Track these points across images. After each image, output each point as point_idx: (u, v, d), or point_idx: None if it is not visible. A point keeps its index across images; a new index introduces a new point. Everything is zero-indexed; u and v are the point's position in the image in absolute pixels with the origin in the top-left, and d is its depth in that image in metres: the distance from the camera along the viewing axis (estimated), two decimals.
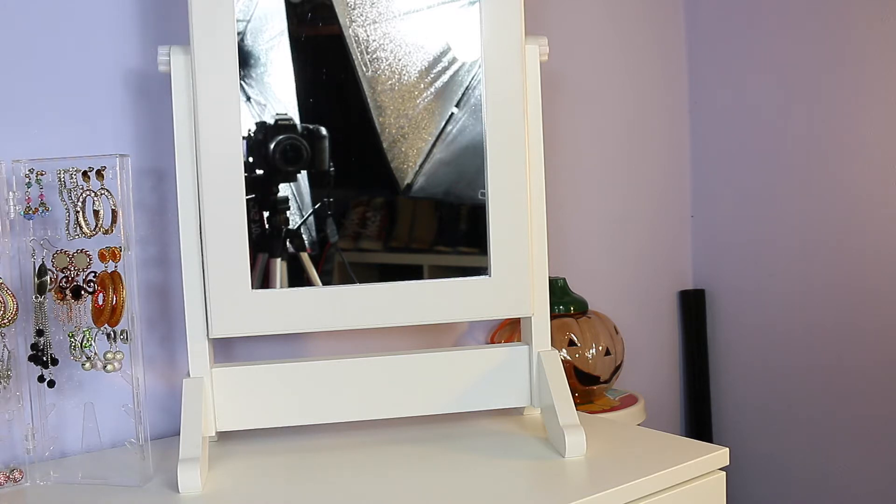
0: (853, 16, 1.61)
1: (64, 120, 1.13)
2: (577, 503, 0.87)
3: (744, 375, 1.85)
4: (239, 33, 1.02)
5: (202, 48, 1.00)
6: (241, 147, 1.02)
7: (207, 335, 1.04)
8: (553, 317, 1.17)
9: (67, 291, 1.00)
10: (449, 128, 1.10)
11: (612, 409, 1.47)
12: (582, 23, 1.70)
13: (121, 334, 1.00)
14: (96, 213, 0.99)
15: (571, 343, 1.44)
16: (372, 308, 1.06)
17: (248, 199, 1.03)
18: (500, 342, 1.44)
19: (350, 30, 1.07)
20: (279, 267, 1.09)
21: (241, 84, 1.02)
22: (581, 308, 1.49)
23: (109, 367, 0.99)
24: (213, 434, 1.06)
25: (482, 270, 1.09)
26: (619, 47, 1.76)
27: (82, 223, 0.99)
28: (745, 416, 1.85)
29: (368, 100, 1.09)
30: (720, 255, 1.87)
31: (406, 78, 1.09)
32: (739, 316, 1.84)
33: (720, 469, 1.01)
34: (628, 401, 1.51)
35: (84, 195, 0.99)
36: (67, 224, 0.99)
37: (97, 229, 0.99)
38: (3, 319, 0.96)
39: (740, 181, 1.81)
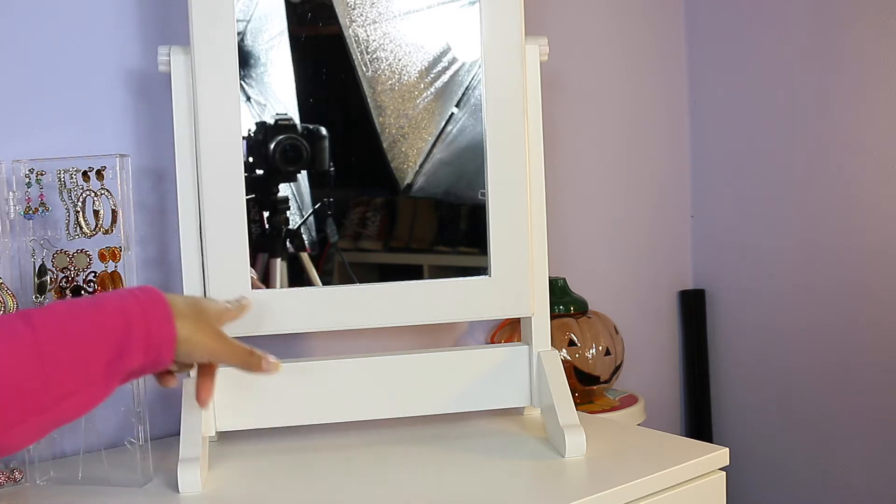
0: (853, 16, 1.61)
1: (64, 120, 1.13)
2: (577, 503, 0.87)
3: (744, 375, 1.85)
4: (239, 33, 1.02)
5: (202, 48, 1.00)
6: (241, 147, 1.02)
7: None
8: (553, 317, 1.17)
9: (67, 291, 1.00)
10: (449, 128, 1.10)
11: (612, 409, 1.46)
12: (582, 23, 1.69)
13: None
14: (96, 213, 0.99)
15: (571, 343, 1.44)
16: (372, 308, 1.06)
17: (248, 199, 1.03)
18: (500, 342, 1.44)
19: (350, 30, 1.07)
20: (279, 267, 1.09)
21: (241, 84, 1.02)
22: (581, 308, 1.49)
23: None
24: (213, 434, 1.06)
25: (482, 270, 1.09)
26: (619, 47, 1.76)
27: (82, 223, 0.99)
28: (745, 416, 1.85)
29: (368, 100, 1.09)
30: (720, 255, 1.87)
31: (406, 78, 1.09)
32: (739, 316, 1.84)
33: (720, 469, 1.01)
34: (628, 401, 1.51)
35: (84, 195, 0.99)
36: (67, 224, 0.99)
37: (97, 229, 0.99)
38: None
39: (740, 181, 1.81)
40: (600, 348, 1.46)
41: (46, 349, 0.71)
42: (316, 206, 1.09)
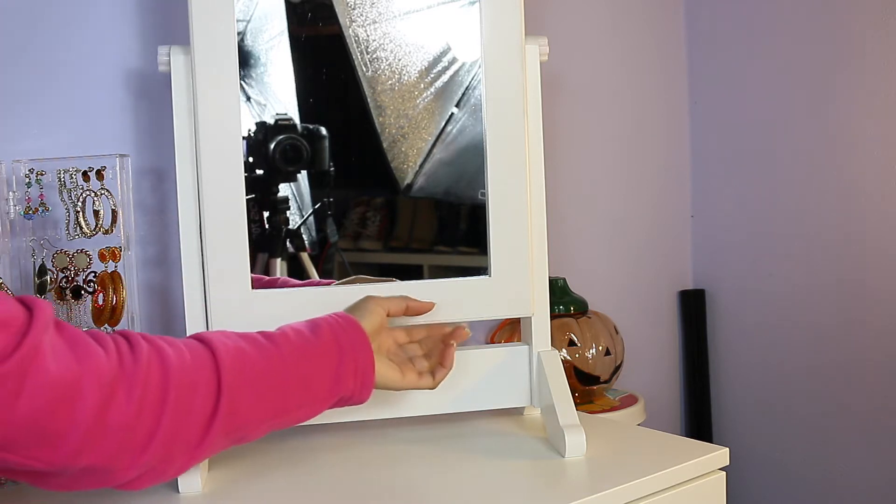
0: (854, 16, 1.61)
1: (64, 120, 1.13)
2: (577, 503, 0.87)
3: (744, 375, 1.85)
4: (239, 33, 1.02)
5: (202, 48, 1.00)
6: (241, 147, 1.01)
7: None
8: (553, 317, 1.17)
9: (67, 291, 1.00)
10: (449, 128, 1.10)
11: (612, 409, 1.47)
12: (582, 23, 1.70)
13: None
14: (96, 213, 0.99)
15: (571, 343, 1.44)
16: None
17: (248, 199, 1.03)
18: (500, 342, 1.44)
19: (350, 30, 1.07)
20: (279, 267, 1.09)
21: (241, 84, 1.02)
22: (581, 308, 1.49)
23: None
24: None
25: (482, 270, 1.09)
26: (619, 47, 1.76)
27: (82, 223, 0.99)
28: (745, 416, 1.85)
29: (368, 100, 1.09)
30: (720, 255, 1.87)
31: (406, 78, 1.09)
32: (739, 316, 1.84)
33: (720, 469, 1.01)
34: (628, 401, 1.51)
35: (84, 195, 0.99)
36: (67, 224, 0.99)
37: (97, 229, 0.99)
38: None
39: (740, 181, 1.81)
40: (600, 348, 1.46)
41: (287, 363, 0.81)
42: (316, 206, 1.09)
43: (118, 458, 0.68)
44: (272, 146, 1.06)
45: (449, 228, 1.15)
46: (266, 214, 1.07)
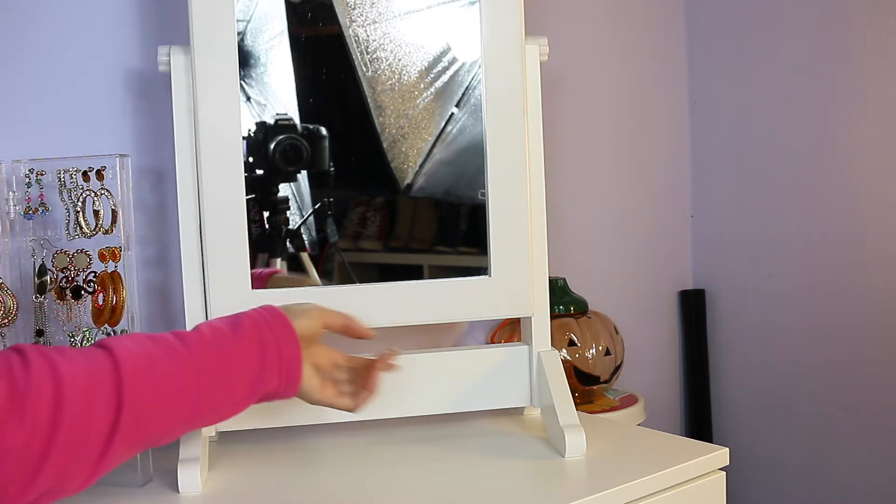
0: (854, 16, 1.61)
1: (64, 120, 1.13)
2: (577, 503, 0.87)
3: (744, 375, 1.85)
4: (239, 33, 1.02)
5: (202, 48, 1.00)
6: (241, 147, 1.02)
7: None
8: (553, 317, 1.17)
9: (67, 291, 1.00)
10: (449, 128, 1.10)
11: (612, 409, 1.47)
12: (582, 23, 1.69)
13: (121, 334, 1.00)
14: (96, 213, 0.99)
15: (571, 343, 1.44)
16: (372, 308, 1.06)
17: (248, 199, 1.03)
18: (500, 342, 1.44)
19: (350, 30, 1.07)
20: (279, 267, 1.09)
21: (241, 84, 1.02)
22: (581, 308, 1.49)
23: None
24: (213, 434, 1.06)
25: (482, 270, 1.09)
26: (619, 47, 1.76)
27: (82, 223, 0.99)
28: (745, 416, 1.85)
29: (368, 100, 1.09)
30: (720, 255, 1.87)
31: (406, 78, 1.09)
32: (739, 316, 1.84)
33: (720, 469, 1.01)
34: (628, 401, 1.51)
35: (84, 195, 0.99)
36: (67, 224, 0.99)
37: (97, 229, 0.99)
38: (3, 319, 0.96)
39: (740, 181, 1.81)
40: (600, 348, 1.46)
41: (202, 365, 0.78)
42: (316, 206, 1.09)
43: (10, 484, 0.65)
44: (272, 146, 1.06)
45: (449, 228, 1.15)
46: (266, 214, 1.07)
